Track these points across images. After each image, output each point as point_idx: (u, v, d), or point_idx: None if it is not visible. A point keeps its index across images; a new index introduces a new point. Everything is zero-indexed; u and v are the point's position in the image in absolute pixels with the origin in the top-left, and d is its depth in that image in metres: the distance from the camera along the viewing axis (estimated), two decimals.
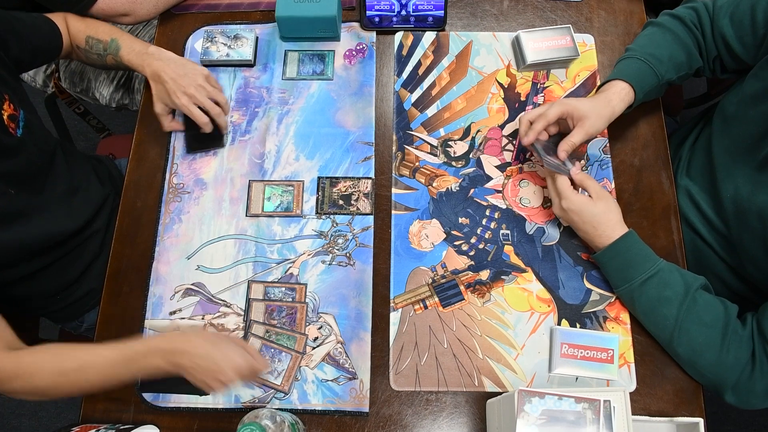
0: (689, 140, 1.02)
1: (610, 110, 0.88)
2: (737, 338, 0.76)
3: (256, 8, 1.10)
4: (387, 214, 0.94)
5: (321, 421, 0.82)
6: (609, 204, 0.83)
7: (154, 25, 1.15)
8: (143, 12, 1.06)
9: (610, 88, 0.90)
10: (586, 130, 0.86)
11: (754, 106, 0.82)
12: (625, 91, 0.89)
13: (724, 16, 0.87)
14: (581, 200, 0.82)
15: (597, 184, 0.84)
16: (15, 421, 1.69)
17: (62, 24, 0.97)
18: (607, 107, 0.88)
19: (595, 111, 0.86)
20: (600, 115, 0.87)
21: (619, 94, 0.89)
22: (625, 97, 0.89)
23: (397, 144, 0.99)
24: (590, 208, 0.82)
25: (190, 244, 0.93)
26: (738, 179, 0.84)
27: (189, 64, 0.96)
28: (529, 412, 0.63)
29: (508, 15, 1.08)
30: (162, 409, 0.84)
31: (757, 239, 0.81)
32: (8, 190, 0.81)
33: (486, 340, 0.86)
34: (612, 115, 0.88)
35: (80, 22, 0.99)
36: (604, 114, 0.87)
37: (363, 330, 0.87)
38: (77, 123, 1.94)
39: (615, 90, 0.89)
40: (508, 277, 0.89)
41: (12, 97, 0.82)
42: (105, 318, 0.90)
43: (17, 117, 0.82)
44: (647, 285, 0.80)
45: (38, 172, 0.87)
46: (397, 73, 1.04)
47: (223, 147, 0.99)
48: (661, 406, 0.82)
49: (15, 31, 0.86)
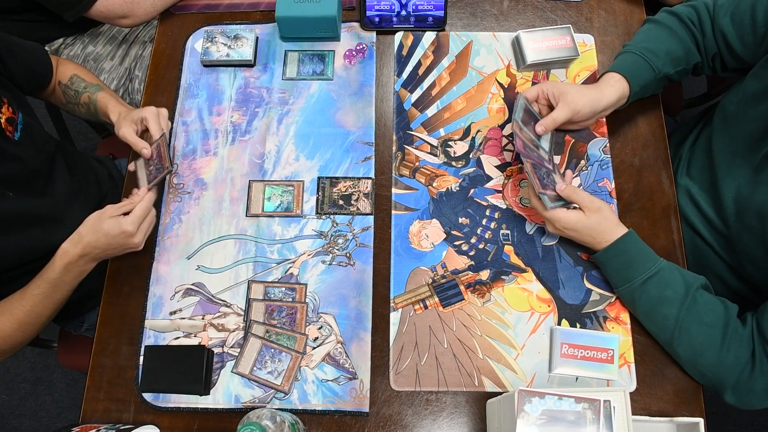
0: (689, 140, 1.02)
1: (597, 93, 0.88)
2: (737, 338, 0.76)
3: (256, 8, 1.10)
4: (387, 214, 0.94)
5: (321, 421, 0.82)
6: (602, 213, 0.82)
7: (154, 26, 1.15)
8: (141, 13, 1.06)
9: (602, 79, 0.91)
10: (569, 105, 0.85)
11: (755, 106, 0.82)
12: (616, 79, 0.89)
13: (725, 14, 0.87)
14: (573, 218, 0.82)
15: (586, 195, 0.83)
16: (15, 422, 1.69)
17: (54, 59, 0.99)
18: (594, 90, 0.88)
19: (577, 88, 0.86)
20: (583, 92, 0.87)
21: (609, 81, 0.89)
22: (616, 84, 0.89)
23: (397, 144, 0.99)
24: (584, 222, 0.82)
25: (190, 244, 0.93)
26: (738, 179, 0.84)
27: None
28: (529, 412, 0.63)
29: (508, 15, 1.08)
30: (162, 409, 0.84)
31: (757, 239, 0.81)
32: (6, 192, 0.81)
33: (486, 340, 0.86)
34: (600, 98, 0.88)
35: (72, 64, 1.02)
36: (589, 94, 0.87)
37: (363, 330, 0.87)
38: (77, 123, 1.95)
39: (606, 78, 0.90)
40: (508, 277, 0.89)
41: (10, 100, 0.82)
42: (105, 318, 0.90)
43: (15, 120, 0.82)
44: (648, 285, 0.80)
45: (38, 175, 0.87)
46: (397, 73, 1.04)
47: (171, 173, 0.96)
48: (661, 406, 0.82)
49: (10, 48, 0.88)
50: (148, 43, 1.30)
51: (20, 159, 0.83)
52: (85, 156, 1.06)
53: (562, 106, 0.86)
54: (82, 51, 1.28)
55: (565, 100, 0.86)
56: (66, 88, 0.99)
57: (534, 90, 0.90)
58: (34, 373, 1.73)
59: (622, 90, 0.89)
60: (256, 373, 0.85)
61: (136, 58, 1.30)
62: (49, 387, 1.72)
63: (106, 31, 1.30)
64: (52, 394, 1.71)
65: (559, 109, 0.86)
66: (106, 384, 0.86)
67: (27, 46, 0.93)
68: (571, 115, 0.87)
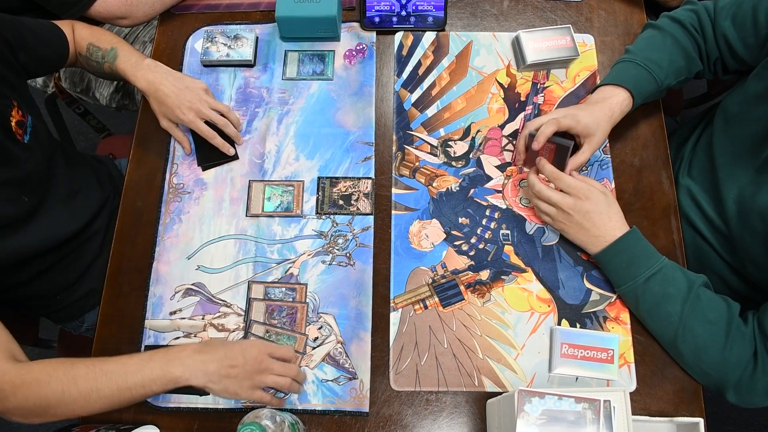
0: (691, 140, 1.02)
1: (612, 123, 0.90)
2: (740, 336, 0.76)
3: (256, 8, 1.10)
4: (387, 214, 0.94)
5: (321, 421, 0.82)
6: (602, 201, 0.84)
7: (154, 26, 1.15)
8: (140, 14, 1.06)
9: (611, 98, 0.90)
10: (593, 147, 0.88)
11: (757, 107, 0.82)
12: (626, 102, 0.90)
13: (726, 17, 0.87)
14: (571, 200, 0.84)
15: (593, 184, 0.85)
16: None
17: (69, 31, 0.96)
18: (609, 120, 0.89)
19: (601, 128, 0.88)
20: (605, 131, 0.89)
21: (621, 105, 0.90)
22: (626, 108, 0.91)
23: (397, 144, 0.99)
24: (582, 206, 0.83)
25: (190, 244, 0.93)
26: (740, 180, 0.84)
27: (187, 78, 0.96)
28: (529, 412, 0.63)
29: (508, 15, 1.08)
30: (162, 409, 0.84)
31: (759, 239, 0.81)
32: (22, 197, 0.81)
33: (486, 340, 0.86)
34: (612, 126, 0.90)
35: (86, 29, 0.98)
36: (607, 128, 0.90)
37: (363, 330, 0.87)
38: (77, 123, 1.94)
39: (617, 101, 0.90)
40: (508, 277, 0.89)
41: (20, 102, 0.81)
42: (105, 318, 0.90)
43: (25, 123, 0.81)
44: (651, 282, 0.80)
45: (45, 177, 0.87)
46: (397, 73, 1.04)
47: (237, 159, 0.98)
48: (661, 406, 0.82)
49: (23, 38, 0.85)
50: (148, 43, 1.30)
51: (30, 162, 0.82)
52: (85, 156, 1.06)
53: (587, 149, 0.88)
54: None
55: (590, 143, 0.88)
56: (87, 60, 0.97)
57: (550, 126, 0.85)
58: None
59: (628, 108, 0.91)
60: None
61: None
62: None
63: None
64: None
65: (585, 153, 0.88)
66: None
67: (39, 30, 0.90)
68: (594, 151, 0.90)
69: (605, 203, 0.84)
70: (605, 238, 0.83)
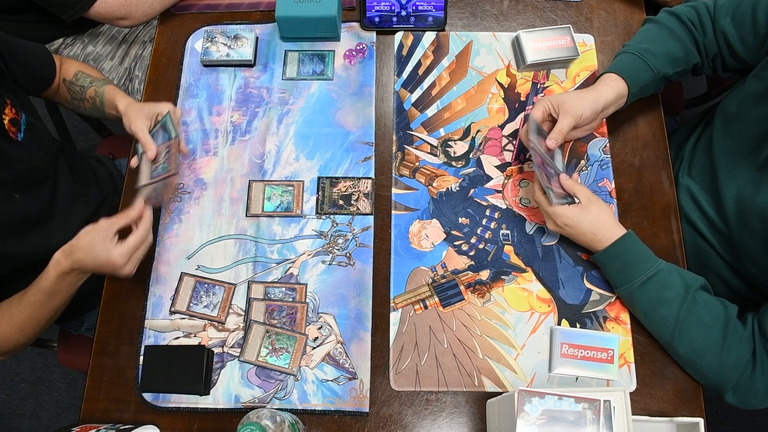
0: (691, 140, 1.02)
1: (595, 94, 0.88)
2: (738, 338, 0.76)
3: (256, 8, 1.10)
4: (387, 214, 0.94)
5: (321, 421, 0.82)
6: (601, 206, 0.83)
7: (154, 26, 1.15)
8: (140, 14, 1.06)
9: (600, 82, 0.90)
10: (569, 112, 0.85)
11: (756, 107, 0.82)
12: (612, 78, 0.89)
13: (725, 15, 0.87)
14: (573, 212, 0.82)
15: (585, 189, 0.84)
16: (15, 422, 1.69)
17: (57, 59, 0.98)
18: (591, 91, 0.88)
19: (574, 94, 0.86)
20: (580, 96, 0.87)
21: (605, 80, 0.89)
22: (613, 83, 0.89)
23: (397, 144, 0.99)
24: (585, 216, 0.82)
25: (190, 244, 0.93)
26: (739, 179, 0.84)
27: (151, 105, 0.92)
28: (529, 412, 0.63)
29: (508, 15, 1.08)
30: (162, 409, 0.84)
31: (758, 239, 0.81)
32: (13, 194, 0.81)
33: (486, 340, 0.86)
34: (597, 98, 0.88)
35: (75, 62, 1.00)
36: (587, 97, 0.87)
37: (363, 330, 0.87)
38: (77, 123, 1.95)
39: (601, 79, 0.90)
40: (508, 277, 0.89)
41: (14, 101, 0.82)
42: (105, 318, 0.90)
43: (19, 121, 0.82)
44: (646, 286, 0.80)
45: (44, 177, 0.87)
46: (397, 73, 1.04)
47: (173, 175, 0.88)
48: (661, 406, 0.82)
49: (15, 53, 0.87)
50: (148, 43, 1.30)
51: (24, 160, 0.82)
52: (85, 156, 1.06)
53: (564, 115, 0.85)
54: (82, 51, 1.28)
55: (564, 109, 0.85)
56: (71, 84, 0.98)
57: (539, 108, 0.87)
58: (34, 373, 1.73)
59: (619, 88, 0.89)
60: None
61: (136, 58, 1.30)
62: (48, 387, 1.72)
63: (105, 31, 1.30)
64: (51, 394, 1.71)
65: (562, 119, 0.85)
66: (106, 384, 0.86)
67: (29, 48, 0.92)
68: (575, 121, 0.86)
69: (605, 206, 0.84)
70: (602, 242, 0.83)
